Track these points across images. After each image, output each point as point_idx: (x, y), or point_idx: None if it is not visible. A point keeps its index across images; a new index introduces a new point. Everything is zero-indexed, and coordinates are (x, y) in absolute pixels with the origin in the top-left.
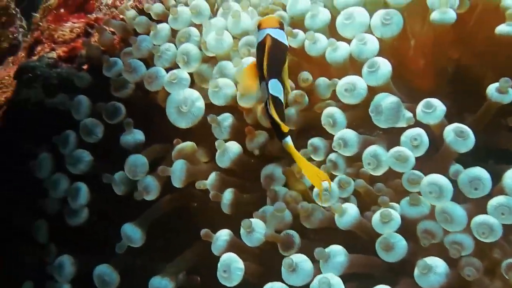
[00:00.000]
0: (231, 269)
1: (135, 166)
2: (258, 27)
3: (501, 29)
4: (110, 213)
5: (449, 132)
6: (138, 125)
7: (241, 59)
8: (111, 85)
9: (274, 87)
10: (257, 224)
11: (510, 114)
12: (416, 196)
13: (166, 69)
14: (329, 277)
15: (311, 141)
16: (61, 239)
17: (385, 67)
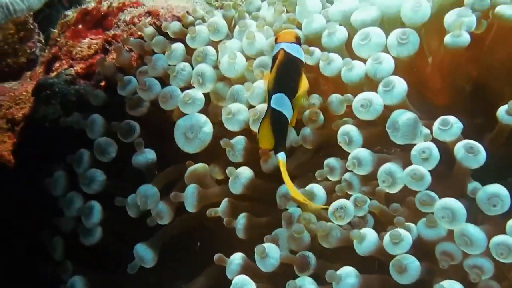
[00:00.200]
0: None
1: (146, 197)
2: (275, 41)
3: None
4: (123, 232)
5: (459, 148)
6: (153, 142)
7: (253, 83)
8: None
9: (279, 101)
10: (271, 249)
11: None
12: (432, 218)
13: (181, 88)
14: None
15: (327, 162)
16: (76, 257)
17: (400, 86)
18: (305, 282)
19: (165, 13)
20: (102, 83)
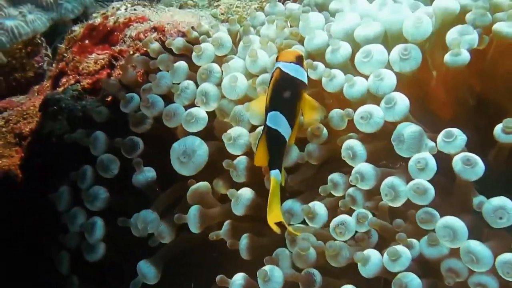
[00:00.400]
0: None
1: (145, 223)
2: (276, 60)
3: None
4: (127, 248)
5: (457, 161)
6: (157, 157)
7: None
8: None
9: (274, 119)
10: (273, 272)
11: None
12: (433, 237)
13: (185, 106)
14: None
15: (331, 177)
16: (80, 273)
17: (402, 102)
18: None
19: (170, 29)
20: (108, 98)
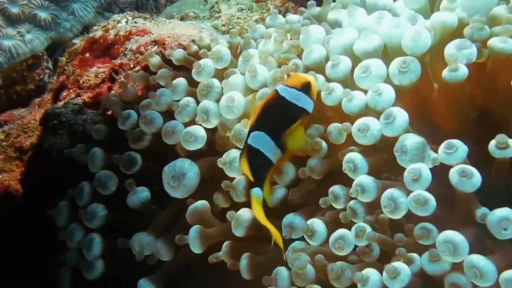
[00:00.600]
0: None
1: (141, 246)
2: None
3: None
4: (126, 265)
5: (453, 174)
6: (157, 172)
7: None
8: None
9: (257, 139)
10: None
11: None
12: (434, 253)
13: (186, 123)
14: None
15: (331, 189)
16: None
17: (401, 117)
18: None
19: (171, 42)
20: (109, 112)
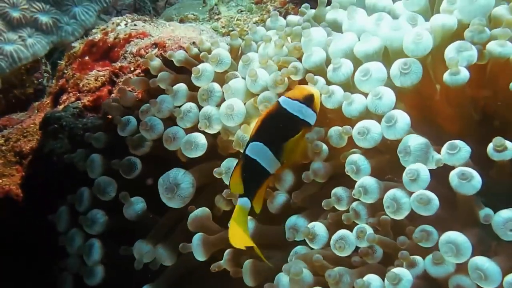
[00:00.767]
0: None
1: (140, 255)
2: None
3: None
4: (128, 271)
5: (453, 177)
6: (158, 176)
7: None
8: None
9: (256, 150)
10: None
11: None
12: (438, 255)
13: (188, 129)
14: None
15: (334, 191)
16: None
17: (402, 120)
18: None
19: (171, 44)
20: (110, 116)
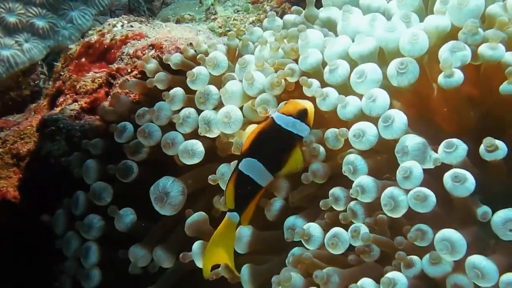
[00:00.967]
0: None
1: (136, 259)
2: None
3: (504, 88)
4: (126, 274)
5: (447, 179)
6: (157, 177)
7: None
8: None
9: (250, 166)
10: None
11: None
12: (435, 255)
13: (187, 134)
14: None
15: (332, 191)
16: None
17: (399, 120)
18: None
19: (168, 46)
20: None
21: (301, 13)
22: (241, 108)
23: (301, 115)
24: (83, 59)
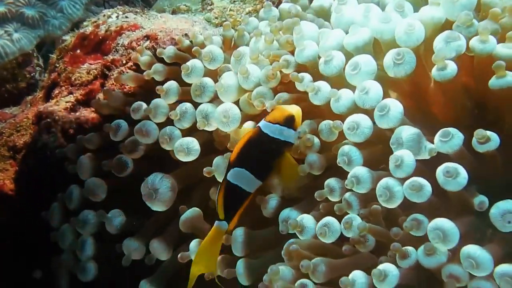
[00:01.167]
0: None
1: (129, 252)
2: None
3: (493, 83)
4: (123, 268)
5: (439, 174)
6: (154, 169)
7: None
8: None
9: (237, 175)
10: None
11: None
12: (430, 246)
13: (185, 129)
14: None
15: (327, 182)
16: None
17: (395, 109)
18: None
19: (163, 36)
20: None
21: (297, 1)
22: (238, 102)
23: (288, 121)
24: (78, 51)
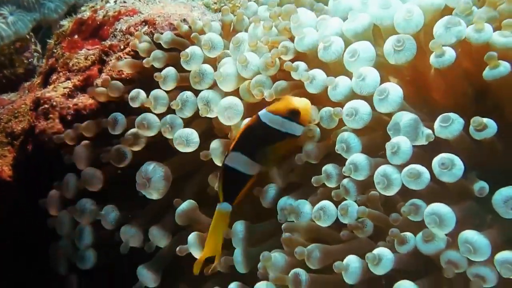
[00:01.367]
0: None
1: (127, 239)
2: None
3: (487, 74)
4: (123, 255)
5: (434, 165)
6: (156, 157)
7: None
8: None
9: (235, 159)
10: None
11: None
12: (428, 232)
13: (187, 118)
14: None
15: (324, 168)
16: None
17: (395, 93)
18: None
19: (161, 22)
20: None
21: None
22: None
23: (291, 114)
24: (76, 36)
